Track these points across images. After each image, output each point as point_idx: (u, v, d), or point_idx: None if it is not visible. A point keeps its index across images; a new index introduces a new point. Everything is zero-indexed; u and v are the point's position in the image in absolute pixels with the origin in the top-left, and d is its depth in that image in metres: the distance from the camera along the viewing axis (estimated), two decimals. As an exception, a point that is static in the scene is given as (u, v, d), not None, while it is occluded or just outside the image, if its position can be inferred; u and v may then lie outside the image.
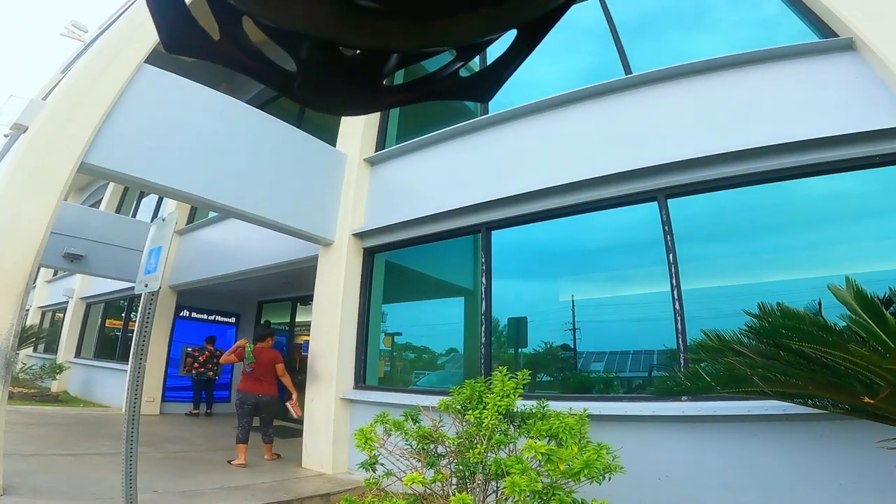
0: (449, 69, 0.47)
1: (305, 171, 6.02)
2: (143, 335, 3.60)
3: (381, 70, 0.43)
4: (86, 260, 9.12)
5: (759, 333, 2.81)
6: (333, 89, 0.44)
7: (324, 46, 0.40)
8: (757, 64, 4.25)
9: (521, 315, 5.34)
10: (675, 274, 4.18)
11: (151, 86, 4.66)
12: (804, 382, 2.37)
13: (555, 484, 2.39)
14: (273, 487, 4.61)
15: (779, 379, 2.40)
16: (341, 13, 0.34)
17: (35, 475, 4.20)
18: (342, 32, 0.35)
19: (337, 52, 0.41)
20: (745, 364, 2.55)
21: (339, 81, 0.43)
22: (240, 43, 0.42)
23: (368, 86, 0.44)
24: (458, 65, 0.46)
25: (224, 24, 0.40)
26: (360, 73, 0.43)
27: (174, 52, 0.41)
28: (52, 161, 4.06)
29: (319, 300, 6.13)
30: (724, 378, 2.69)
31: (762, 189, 4.15)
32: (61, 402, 10.28)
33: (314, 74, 0.43)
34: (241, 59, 0.43)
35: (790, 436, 3.38)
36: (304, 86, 0.44)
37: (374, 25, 0.35)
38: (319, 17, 0.34)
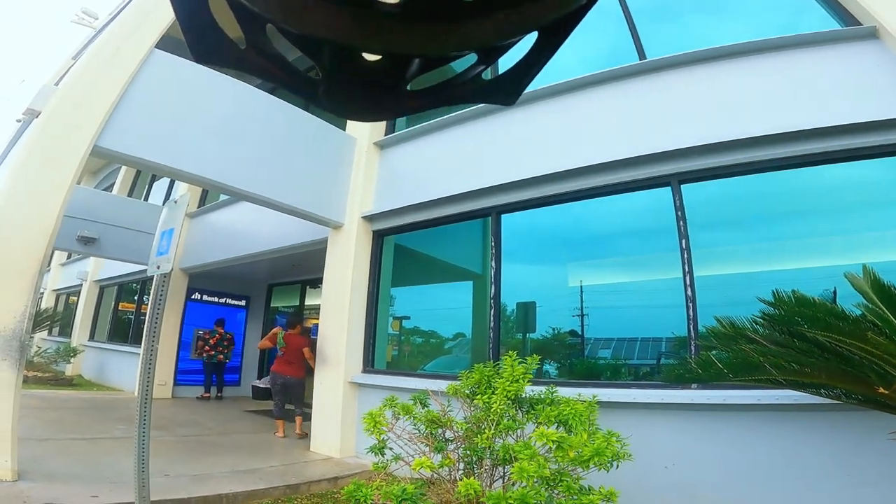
0: (471, 72, 0.46)
1: (315, 154, 6.02)
2: (155, 318, 3.62)
3: (404, 75, 0.43)
4: (99, 243, 9.22)
5: (773, 321, 2.78)
6: (357, 95, 0.45)
7: (345, 52, 0.40)
8: (776, 51, 4.14)
9: (530, 300, 5.33)
10: (687, 260, 4.14)
11: (163, 71, 4.68)
12: (817, 371, 2.34)
13: (562, 470, 2.40)
14: (282, 471, 4.69)
15: (792, 367, 2.37)
16: (362, 18, 0.34)
17: (49, 460, 4.28)
18: (363, 38, 0.35)
19: (359, 58, 0.41)
20: (758, 352, 2.52)
21: (363, 87, 0.43)
22: (265, 51, 0.43)
23: (392, 91, 0.44)
24: (481, 68, 0.46)
25: (249, 33, 0.41)
26: (383, 78, 0.43)
27: (204, 62, 0.42)
28: (65, 145, 4.10)
29: (329, 283, 6.16)
30: (736, 366, 2.67)
31: (778, 176, 4.08)
32: (75, 385, 10.45)
33: (338, 80, 0.43)
34: (267, 67, 0.44)
35: (801, 425, 3.35)
36: (329, 92, 0.44)
37: (394, 30, 0.35)
38: (340, 23, 0.34)
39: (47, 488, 3.55)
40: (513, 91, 0.48)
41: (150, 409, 3.43)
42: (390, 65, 0.42)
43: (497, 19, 0.35)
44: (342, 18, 0.34)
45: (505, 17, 0.35)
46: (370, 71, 0.42)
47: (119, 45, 4.47)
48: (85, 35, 7.70)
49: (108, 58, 4.39)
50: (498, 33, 0.37)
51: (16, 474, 3.63)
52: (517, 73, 0.46)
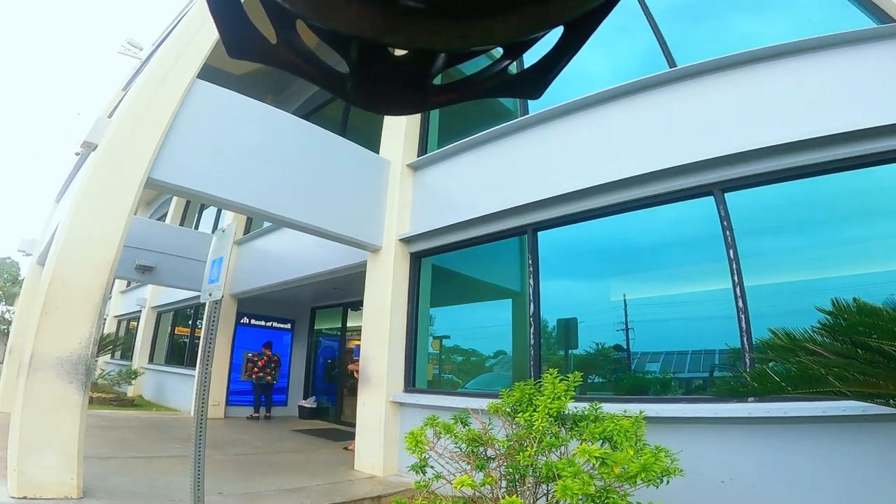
0: (497, 67, 0.47)
1: (351, 178, 6.15)
2: (209, 342, 3.77)
3: (430, 70, 0.44)
4: (155, 271, 9.76)
5: (834, 331, 2.61)
6: (383, 90, 0.45)
7: (372, 48, 0.41)
8: (816, 51, 3.98)
9: (571, 316, 5.21)
10: (736, 270, 3.95)
11: (205, 101, 4.86)
12: (885, 382, 2.16)
13: (608, 487, 2.30)
14: (327, 490, 4.72)
15: (857, 378, 2.21)
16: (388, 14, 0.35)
17: (112, 478, 4.45)
18: (389, 33, 0.36)
19: (385, 54, 0.41)
20: (819, 363, 2.37)
21: (389, 82, 0.44)
22: (295, 46, 0.44)
23: (418, 86, 0.45)
24: (506, 62, 0.46)
25: (279, 28, 0.42)
26: (409, 73, 0.44)
27: (236, 56, 0.43)
28: (122, 177, 4.29)
29: (369, 305, 6.25)
30: (795, 378, 2.51)
31: (829, 179, 3.85)
32: (136, 406, 10.93)
33: (365, 76, 0.44)
34: (297, 63, 0.45)
35: (869, 437, 3.10)
36: (356, 87, 0.45)
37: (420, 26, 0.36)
38: (366, 18, 0.35)
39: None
40: (539, 84, 0.48)
41: (205, 430, 3.55)
42: (416, 60, 0.43)
43: (523, 14, 0.36)
44: (369, 14, 0.35)
45: (531, 12, 0.35)
46: (397, 66, 0.43)
47: (163, 76, 4.61)
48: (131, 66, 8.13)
49: (154, 90, 4.52)
50: (523, 28, 0.37)
51: (81, 491, 3.77)
52: (544, 66, 0.47)
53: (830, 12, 4.60)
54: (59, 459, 3.73)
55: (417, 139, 6.84)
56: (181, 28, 5.04)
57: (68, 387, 3.84)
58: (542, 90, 0.48)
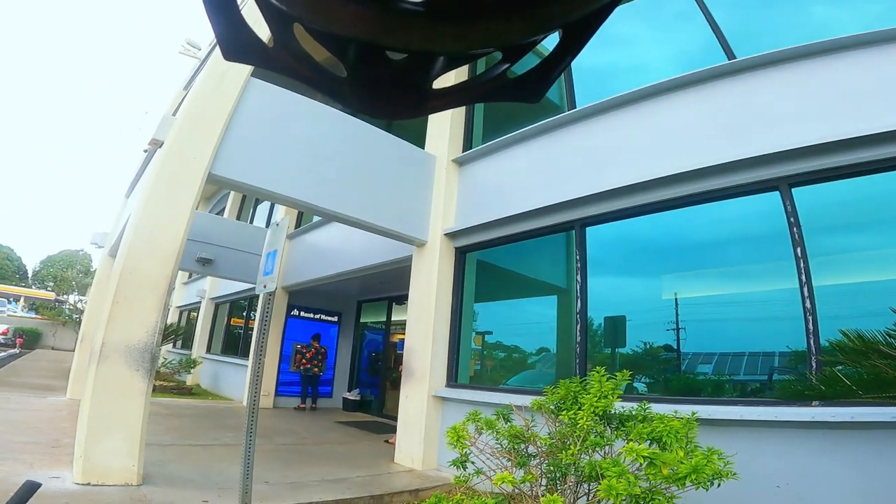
0: (496, 70, 0.46)
1: (397, 173, 6.24)
2: (262, 333, 3.88)
3: (429, 73, 0.43)
4: (214, 263, 10.26)
5: (912, 334, 2.40)
6: (382, 94, 0.45)
7: (369, 50, 0.40)
8: (880, 45, 3.67)
9: (619, 314, 5.06)
10: (804, 269, 3.70)
11: (259, 98, 5.04)
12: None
13: (654, 488, 2.21)
14: (367, 481, 4.81)
15: (938, 385, 2.01)
16: (386, 16, 0.35)
17: (170, 465, 4.66)
18: (387, 35, 0.36)
19: (383, 56, 0.41)
20: (894, 367, 2.18)
21: (387, 85, 0.44)
22: (292, 49, 0.44)
23: (416, 89, 0.45)
24: (505, 66, 0.45)
25: (276, 31, 0.42)
26: (408, 76, 0.43)
27: (232, 59, 0.44)
28: (186, 173, 4.51)
29: (414, 299, 6.31)
30: (867, 382, 2.33)
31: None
32: (194, 394, 11.46)
33: (362, 79, 0.43)
34: (293, 66, 0.45)
35: None
36: (354, 91, 0.45)
37: (419, 28, 0.35)
38: (364, 21, 0.35)
39: (166, 493, 3.81)
40: (539, 87, 0.47)
41: (256, 422, 3.65)
42: (414, 63, 0.42)
43: (523, 17, 0.35)
44: (367, 16, 0.35)
45: (531, 14, 0.35)
46: (395, 69, 0.42)
47: (221, 75, 4.76)
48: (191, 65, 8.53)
49: (213, 88, 4.70)
50: (523, 31, 0.36)
51: (141, 478, 3.93)
52: (543, 69, 0.45)
53: None
54: (124, 446, 3.90)
55: (462, 134, 6.84)
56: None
57: (135, 374, 4.05)
58: (542, 94, 0.47)
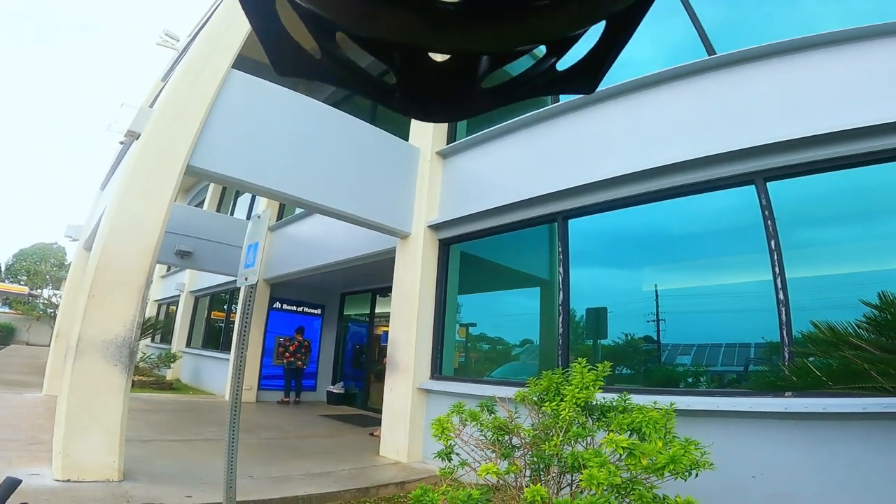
0: (543, 65, 0.45)
1: (381, 166, 6.21)
2: (244, 326, 3.84)
3: (475, 73, 0.43)
4: (194, 256, 10.09)
5: (880, 325, 2.50)
6: (432, 97, 0.45)
7: (414, 54, 0.41)
8: (857, 41, 3.77)
9: (601, 305, 5.14)
10: (777, 262, 3.81)
11: (240, 90, 4.97)
12: (936, 380, 2.05)
13: (635, 478, 2.27)
14: (352, 475, 4.83)
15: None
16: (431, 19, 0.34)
17: (151, 460, 4.59)
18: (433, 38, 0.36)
19: (428, 60, 0.41)
20: (863, 358, 2.27)
21: (436, 88, 0.44)
22: (338, 59, 0.44)
23: (465, 90, 0.44)
24: (552, 60, 0.45)
25: (321, 41, 0.42)
26: (455, 78, 0.43)
27: (285, 74, 0.44)
28: (163, 165, 4.42)
29: (397, 291, 6.31)
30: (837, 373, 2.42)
31: (875, 170, 3.66)
32: (174, 389, 11.27)
33: (411, 84, 0.43)
34: (342, 75, 0.45)
35: None
36: (403, 96, 0.45)
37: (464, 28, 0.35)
38: (409, 25, 0.35)
39: (148, 489, 3.77)
40: (592, 78, 0.46)
41: (239, 415, 3.61)
42: (460, 64, 0.42)
43: (569, 10, 0.35)
44: (411, 20, 0.34)
45: (577, 7, 0.34)
46: (442, 72, 0.42)
47: (200, 67, 4.71)
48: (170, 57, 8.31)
49: (192, 80, 4.64)
50: (569, 24, 0.36)
51: (122, 474, 3.88)
52: (594, 60, 0.45)
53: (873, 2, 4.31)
54: (103, 442, 3.85)
55: (446, 127, 6.81)
56: (215, 19, 5.14)
57: (113, 369, 3.97)
58: (596, 84, 0.47)
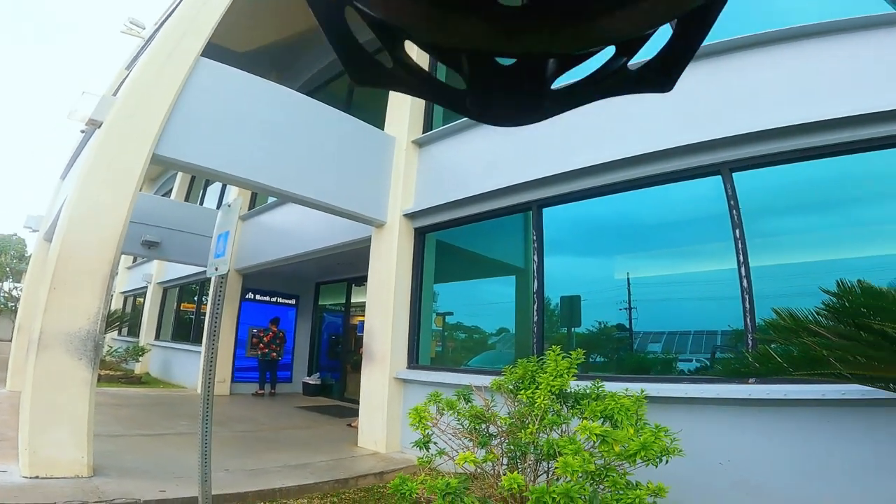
0: (614, 65, 0.45)
1: (356, 154, 6.14)
2: (215, 317, 3.77)
3: (544, 76, 0.43)
4: (161, 246, 9.80)
5: (838, 313, 2.61)
6: (502, 101, 0.45)
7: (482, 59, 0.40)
8: (829, 35, 3.89)
9: (575, 294, 5.23)
10: (742, 250, 3.94)
11: (209, 78, 4.85)
12: (887, 365, 2.16)
13: (608, 465, 2.34)
14: (330, 466, 4.82)
15: (859, 361, 2.21)
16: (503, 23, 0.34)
17: (121, 455, 4.50)
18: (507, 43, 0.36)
19: (496, 64, 0.41)
20: (822, 345, 2.37)
21: (507, 93, 0.44)
22: (409, 67, 0.44)
23: (535, 94, 0.44)
24: (623, 59, 0.44)
25: (391, 50, 0.42)
26: (525, 81, 0.43)
27: (360, 83, 0.44)
28: (127, 154, 4.28)
29: (373, 281, 6.28)
30: (797, 360, 2.52)
31: (838, 161, 3.82)
32: (144, 383, 11.03)
33: (480, 89, 0.43)
34: (414, 83, 0.45)
35: (869, 422, 3.13)
36: (474, 101, 0.44)
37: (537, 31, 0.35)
38: (482, 30, 0.34)
39: (120, 483, 3.70)
40: (667, 77, 0.45)
41: (212, 407, 3.56)
42: (529, 67, 0.42)
43: (643, 9, 0.34)
44: (484, 26, 0.34)
45: (651, 6, 0.34)
46: (510, 75, 0.42)
47: (168, 54, 4.59)
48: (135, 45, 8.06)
49: (159, 67, 4.54)
50: (643, 23, 0.35)
51: (91, 469, 3.80)
52: (669, 57, 0.44)
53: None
54: (70, 437, 3.76)
55: (423, 116, 6.77)
56: (184, 7, 4.99)
57: (77, 363, 3.87)
58: (672, 83, 0.46)
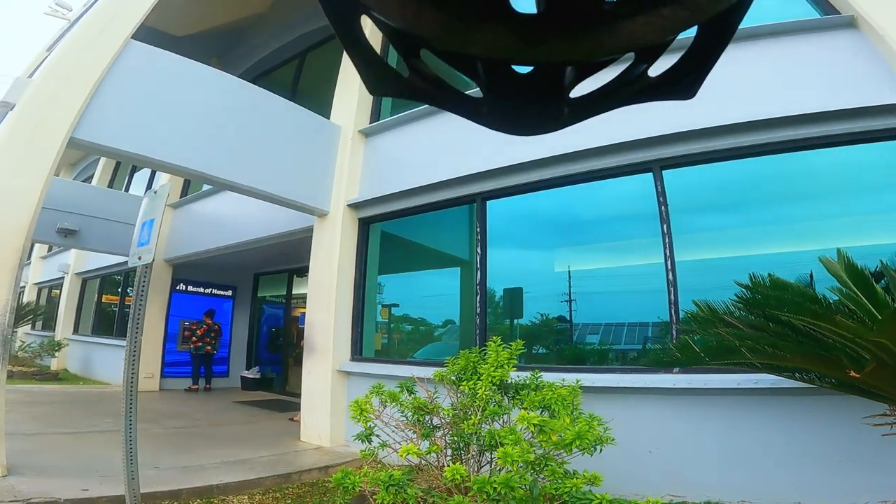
0: (634, 72, 0.45)
1: (299, 143, 5.99)
2: (138, 308, 3.59)
3: (562, 84, 0.42)
4: (79, 235, 9.08)
5: (750, 304, 2.83)
6: (520, 110, 0.44)
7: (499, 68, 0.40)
8: (756, 39, 4.18)
9: (517, 286, 5.37)
10: (668, 245, 4.20)
11: (140, 62, 4.66)
12: (792, 355, 2.39)
13: (547, 455, 2.45)
14: (272, 461, 4.71)
15: (767, 351, 2.43)
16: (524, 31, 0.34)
17: (38, 454, 4.26)
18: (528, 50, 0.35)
19: (513, 72, 0.40)
20: (735, 335, 2.57)
21: (523, 101, 0.43)
22: (425, 75, 0.43)
23: (553, 102, 0.44)
24: (643, 66, 0.44)
25: (408, 59, 0.42)
26: (542, 89, 0.42)
27: (377, 93, 0.44)
28: (41, 137, 4.07)
29: (315, 271, 6.14)
30: (713, 349, 2.73)
31: (760, 161, 4.14)
32: (61, 380, 10.34)
33: (499, 97, 0.43)
34: (431, 92, 0.44)
35: (778, 411, 3.42)
36: (492, 109, 0.44)
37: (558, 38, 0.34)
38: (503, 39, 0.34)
39: (37, 482, 3.52)
40: (690, 84, 0.45)
41: (135, 401, 3.40)
42: (546, 75, 0.41)
43: (663, 15, 0.34)
44: (505, 34, 0.34)
45: (672, 12, 0.34)
46: (528, 84, 0.41)
47: (94, 36, 4.43)
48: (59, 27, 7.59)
49: (82, 49, 4.36)
50: (664, 29, 0.35)
51: (5, 469, 3.63)
52: (691, 64, 0.44)
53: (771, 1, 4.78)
54: (-22, 437, 3.52)
55: (370, 106, 6.65)
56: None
57: (-16, 358, 3.63)
58: (695, 90, 0.46)
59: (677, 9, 0.34)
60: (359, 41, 0.40)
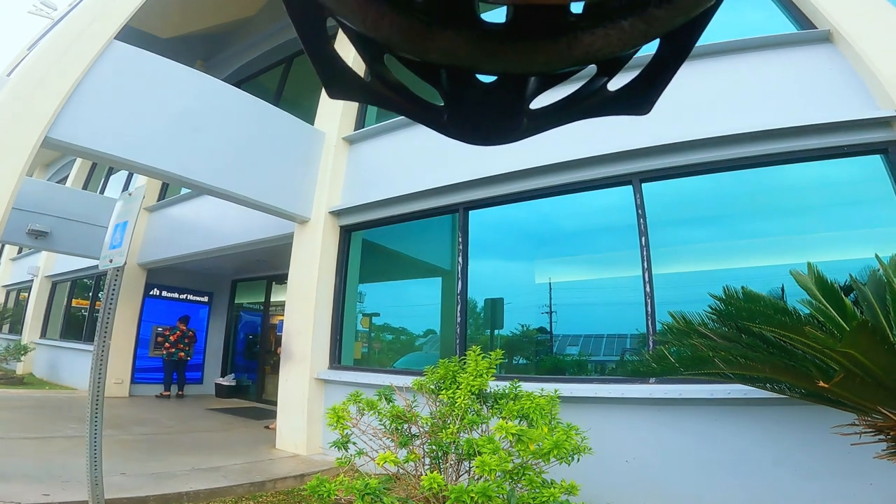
0: (594, 85, 0.45)
1: (282, 148, 5.93)
2: (108, 312, 3.49)
3: (523, 95, 0.42)
4: (51, 237, 8.80)
5: (723, 316, 2.90)
6: (480, 119, 0.44)
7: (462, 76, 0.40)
8: (733, 54, 4.29)
9: (499, 296, 5.39)
10: (646, 257, 4.26)
11: (122, 62, 4.58)
12: (763, 365, 2.45)
13: (525, 464, 2.45)
14: (246, 469, 4.60)
15: (739, 361, 2.48)
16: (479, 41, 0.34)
17: (0, 459, 4.13)
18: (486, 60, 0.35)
19: (475, 81, 0.40)
20: (708, 346, 2.62)
21: (486, 111, 0.43)
22: (387, 81, 0.43)
23: (514, 112, 0.44)
24: (603, 80, 0.44)
25: (371, 64, 0.41)
26: (503, 100, 0.42)
27: (336, 97, 0.44)
28: (14, 136, 3.98)
29: (294, 278, 6.07)
30: (688, 360, 2.77)
31: (736, 175, 4.22)
32: (27, 384, 10.05)
33: (458, 106, 0.43)
34: (392, 97, 0.44)
35: (751, 421, 3.48)
36: (451, 118, 0.44)
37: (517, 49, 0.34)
38: (461, 47, 0.34)
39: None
40: (645, 100, 0.45)
41: (101, 406, 3.31)
42: (508, 86, 0.41)
43: (622, 28, 0.34)
44: (464, 42, 0.34)
45: (630, 25, 0.34)
46: (490, 94, 0.41)
47: (75, 36, 4.36)
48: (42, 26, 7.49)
49: (62, 49, 4.28)
50: (623, 43, 0.35)
51: None
52: (648, 79, 0.44)
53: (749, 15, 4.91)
54: (-65, 443, 3.36)
55: (355, 113, 6.65)
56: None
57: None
58: (650, 106, 0.46)
59: (636, 22, 0.34)
60: (320, 43, 0.40)
